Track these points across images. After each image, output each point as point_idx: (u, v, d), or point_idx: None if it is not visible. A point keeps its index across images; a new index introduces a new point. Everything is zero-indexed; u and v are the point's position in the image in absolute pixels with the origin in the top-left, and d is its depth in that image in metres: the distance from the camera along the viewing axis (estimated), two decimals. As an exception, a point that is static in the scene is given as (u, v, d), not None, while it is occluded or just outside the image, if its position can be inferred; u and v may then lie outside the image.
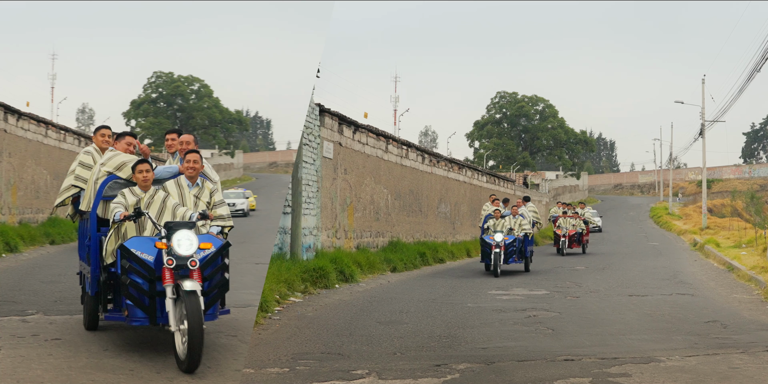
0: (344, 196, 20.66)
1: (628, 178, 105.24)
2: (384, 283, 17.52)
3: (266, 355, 8.44)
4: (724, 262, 24.14)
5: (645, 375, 7.60)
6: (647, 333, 10.60)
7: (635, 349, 9.15)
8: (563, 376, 7.54)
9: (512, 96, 78.21)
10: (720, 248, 29.60)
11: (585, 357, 8.55)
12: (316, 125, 18.16)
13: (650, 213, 69.27)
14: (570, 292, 15.99)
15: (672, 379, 7.45)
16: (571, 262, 26.44)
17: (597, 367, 8.00)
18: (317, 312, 12.10)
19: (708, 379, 7.48)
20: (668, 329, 11.00)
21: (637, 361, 8.32)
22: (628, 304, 14.01)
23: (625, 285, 17.99)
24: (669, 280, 19.64)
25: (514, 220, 21.37)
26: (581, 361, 8.29)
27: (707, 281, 19.50)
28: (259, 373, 7.58)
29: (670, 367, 8.06)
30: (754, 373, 7.79)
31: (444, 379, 7.37)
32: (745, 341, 9.93)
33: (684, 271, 22.80)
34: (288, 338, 9.62)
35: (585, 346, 9.33)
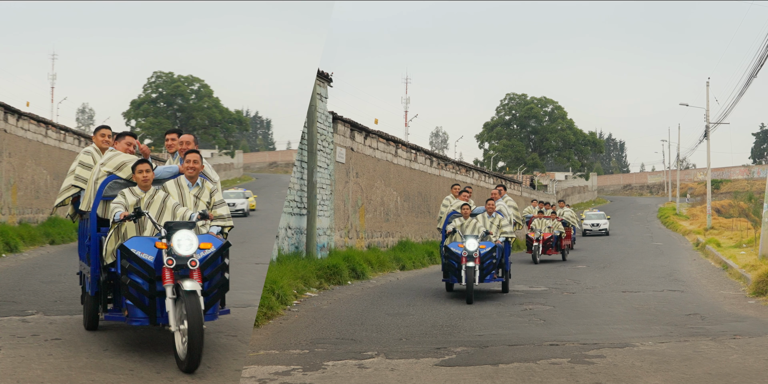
0: (356, 199, 21.90)
1: (638, 179, 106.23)
2: (393, 280, 18.71)
3: (288, 340, 9.66)
4: (720, 261, 25.24)
5: (617, 357, 8.79)
6: (630, 323, 11.79)
7: (615, 337, 10.33)
8: (546, 357, 8.73)
9: (521, 98, 79.37)
10: (720, 248, 30.64)
11: (569, 342, 9.73)
12: (329, 132, 19.37)
13: (658, 213, 70.26)
14: (567, 289, 17.17)
15: (640, 360, 8.63)
16: (575, 260, 27.61)
17: (577, 350, 9.19)
18: (331, 305, 13.30)
19: (672, 360, 8.66)
20: (650, 320, 12.18)
21: (613, 346, 9.50)
22: (619, 299, 15.18)
23: (621, 282, 19.15)
24: (664, 277, 20.77)
25: (490, 219, 15.81)
26: (564, 346, 9.48)
27: (700, 279, 20.63)
28: (283, 353, 8.80)
29: (642, 350, 9.24)
30: (714, 356, 8.96)
31: (442, 359, 8.58)
32: (717, 331, 11.10)
33: (681, 269, 23.92)
34: (306, 326, 10.83)
35: (571, 334, 10.50)
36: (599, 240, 44.45)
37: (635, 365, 8.28)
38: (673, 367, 8.19)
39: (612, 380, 7.52)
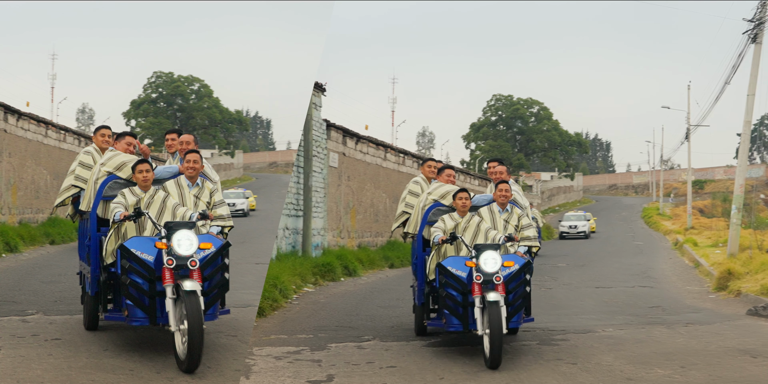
0: (347, 201, 23.47)
1: (623, 179, 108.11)
2: (383, 277, 20.22)
3: (293, 327, 11.15)
4: (693, 260, 26.86)
5: (579, 340, 10.32)
6: (596, 314, 13.35)
7: (581, 325, 11.87)
8: (517, 340, 10.25)
9: (508, 98, 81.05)
10: (696, 247, 32.22)
11: (539, 329, 11.24)
12: (323, 138, 20.89)
13: (642, 213, 72.05)
14: (545, 285, 18.73)
15: (598, 342, 10.17)
16: (555, 258, 29.21)
17: (546, 335, 10.70)
18: (328, 299, 14.79)
19: (626, 342, 10.20)
20: (615, 312, 13.74)
21: (578, 332, 11.03)
22: (591, 294, 16.76)
23: (596, 279, 20.73)
24: (638, 275, 22.35)
25: (503, 215, 9.97)
26: (535, 332, 10.99)
27: (671, 276, 22.23)
28: (291, 337, 10.29)
29: (602, 335, 10.78)
30: (663, 339, 10.51)
31: (429, 341, 10.09)
32: (672, 320, 12.66)
33: (655, 267, 25.52)
34: (308, 317, 12.33)
35: (542, 323, 12.00)
36: (582, 239, 45.99)
37: (593, 346, 9.81)
38: (626, 348, 9.72)
39: (571, 357, 9.04)
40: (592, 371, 8.24)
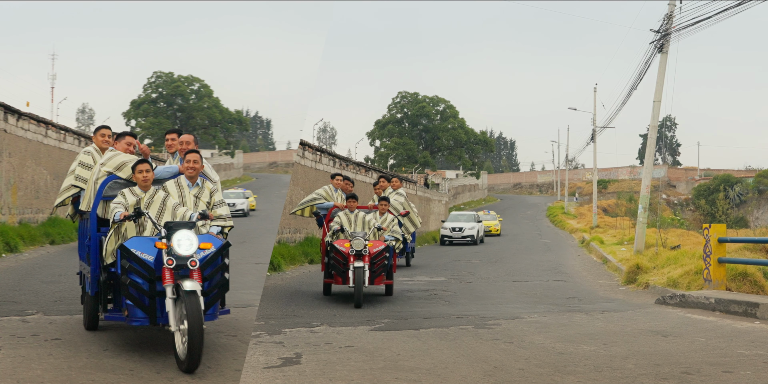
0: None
1: (528, 178, 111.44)
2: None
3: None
4: (601, 257, 28.76)
5: (510, 324, 11.71)
6: (520, 304, 14.81)
7: (508, 312, 13.29)
8: (455, 325, 11.57)
9: (413, 96, 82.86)
10: (603, 245, 34.29)
11: (471, 316, 12.60)
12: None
13: (547, 212, 74.82)
14: (464, 279, 20.21)
15: (527, 326, 11.57)
16: (467, 256, 30.83)
17: (479, 320, 12.07)
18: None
19: (552, 326, 11.62)
20: (536, 302, 15.23)
21: (507, 318, 12.42)
22: (510, 287, 18.27)
23: (511, 274, 22.32)
24: (551, 270, 24.05)
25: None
26: (468, 318, 12.35)
27: (582, 271, 23.99)
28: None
29: (529, 321, 12.20)
30: (584, 323, 11.98)
31: (374, 326, 11.32)
32: (589, 308, 14.18)
33: (566, 263, 27.33)
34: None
35: (472, 311, 13.39)
36: (489, 238, 47.82)
37: (524, 329, 11.20)
38: (553, 330, 11.14)
39: (506, 337, 10.40)
40: (528, 348, 9.59)
